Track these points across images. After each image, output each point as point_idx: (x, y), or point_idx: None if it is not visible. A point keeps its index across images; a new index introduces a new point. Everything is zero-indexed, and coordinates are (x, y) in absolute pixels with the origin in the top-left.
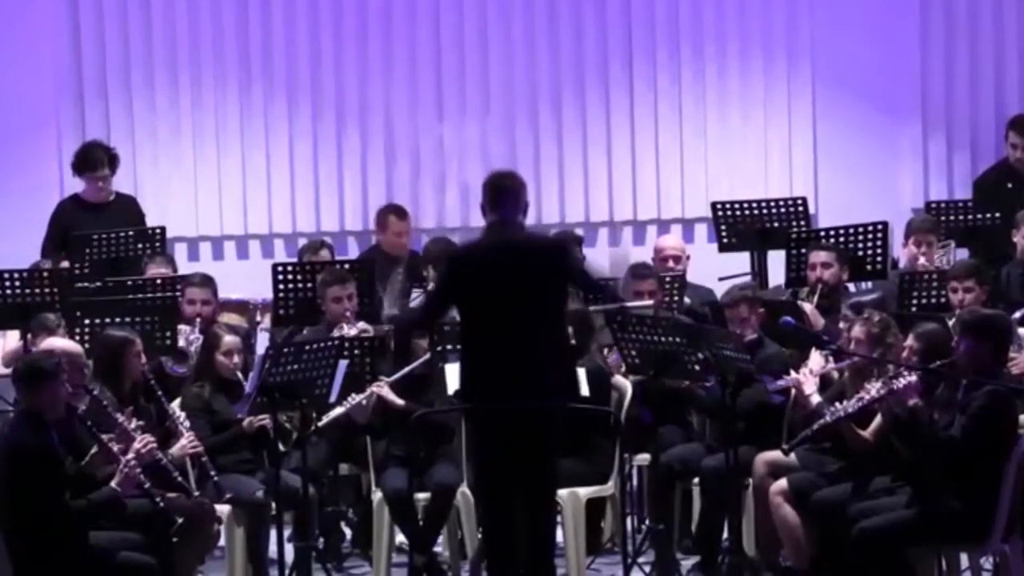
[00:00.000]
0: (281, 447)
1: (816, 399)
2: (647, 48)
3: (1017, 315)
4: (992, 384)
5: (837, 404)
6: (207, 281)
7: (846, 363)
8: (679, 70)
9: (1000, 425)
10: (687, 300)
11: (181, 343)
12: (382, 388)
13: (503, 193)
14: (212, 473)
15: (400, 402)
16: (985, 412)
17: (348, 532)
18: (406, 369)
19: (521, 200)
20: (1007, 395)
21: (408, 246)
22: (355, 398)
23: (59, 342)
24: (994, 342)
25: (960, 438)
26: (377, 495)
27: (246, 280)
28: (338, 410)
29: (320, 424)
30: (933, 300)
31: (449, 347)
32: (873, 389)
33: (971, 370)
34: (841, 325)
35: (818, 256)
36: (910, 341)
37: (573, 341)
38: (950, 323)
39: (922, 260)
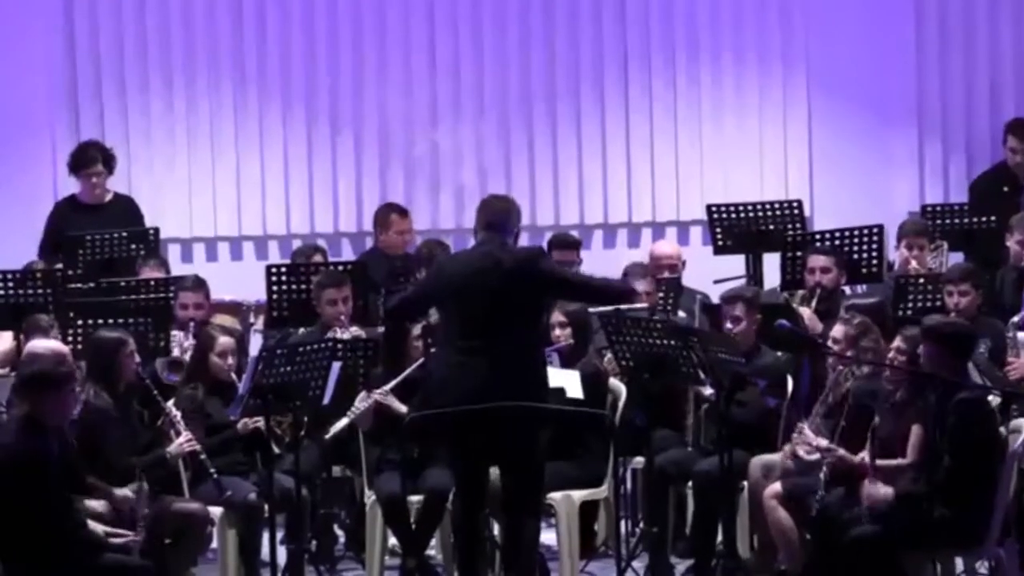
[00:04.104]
0: (275, 449)
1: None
2: (642, 50)
3: (1015, 319)
4: (967, 389)
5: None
6: (200, 284)
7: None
8: (674, 72)
9: (981, 432)
10: (681, 313)
11: (175, 352)
12: (387, 397)
13: (492, 216)
14: (212, 471)
15: (403, 408)
16: (963, 425)
17: (341, 535)
18: (403, 375)
19: (511, 222)
20: (978, 400)
21: (409, 244)
22: (359, 407)
23: (42, 344)
24: (951, 348)
25: (954, 465)
26: (370, 498)
27: (240, 282)
28: (343, 421)
29: (327, 436)
30: (928, 304)
31: None
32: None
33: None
34: None
35: (817, 260)
36: (897, 342)
37: (571, 341)
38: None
39: (913, 264)
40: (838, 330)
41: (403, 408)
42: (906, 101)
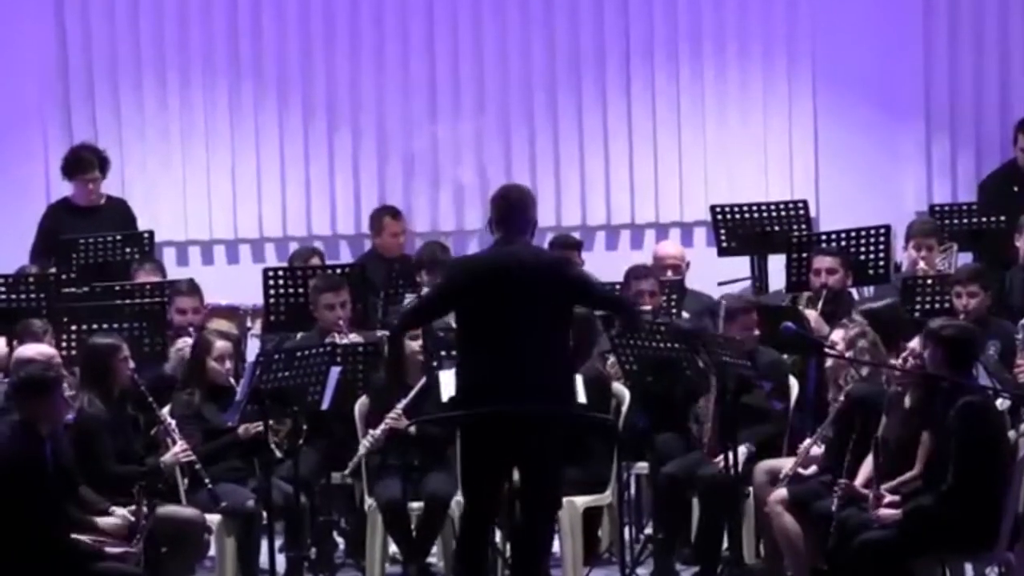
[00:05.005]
0: (277, 453)
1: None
2: (645, 48)
3: None
4: (973, 392)
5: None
6: (195, 289)
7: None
8: (677, 70)
9: (986, 435)
10: (685, 314)
11: (185, 355)
12: (399, 421)
13: (511, 209)
14: (207, 481)
15: (412, 428)
16: (968, 428)
17: (341, 542)
18: (412, 394)
19: (529, 215)
20: (982, 403)
21: (404, 246)
22: (374, 434)
23: (33, 349)
24: (955, 351)
25: (960, 469)
26: (371, 504)
27: (236, 285)
28: (361, 451)
29: (346, 472)
30: (937, 305)
31: (443, 354)
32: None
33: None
34: None
35: (823, 262)
36: (913, 343)
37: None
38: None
39: (922, 264)
40: (837, 334)
41: (411, 428)
42: (914, 98)
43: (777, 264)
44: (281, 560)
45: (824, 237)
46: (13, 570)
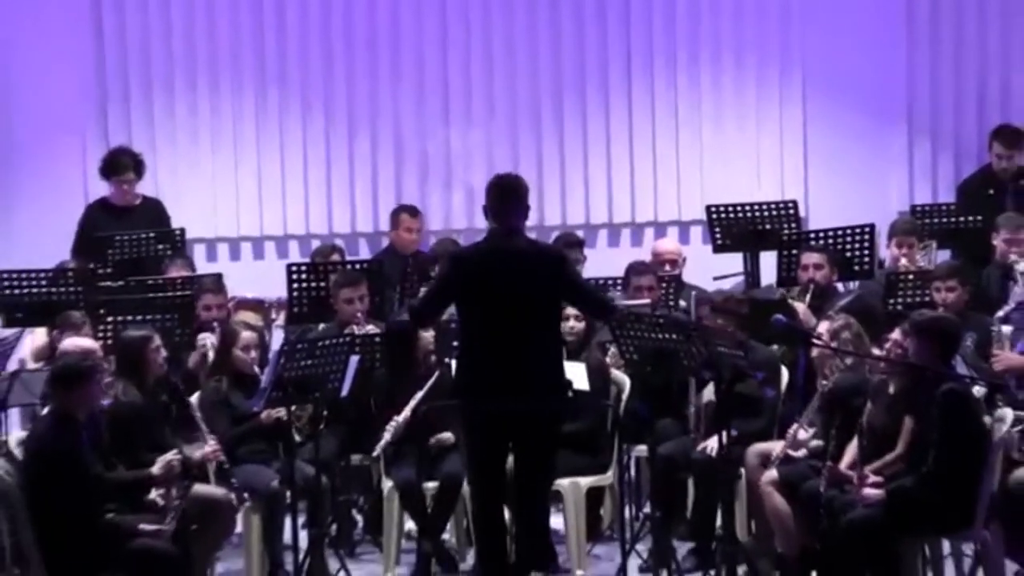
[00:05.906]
0: (297, 437)
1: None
2: (645, 55)
3: (1000, 314)
4: (954, 380)
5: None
6: (220, 286)
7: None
8: (676, 77)
9: (966, 421)
10: (683, 303)
11: (210, 352)
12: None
13: (507, 197)
14: (233, 480)
15: (448, 435)
16: (950, 415)
17: (360, 520)
18: (427, 386)
19: (524, 202)
20: (963, 391)
21: (419, 243)
22: (397, 420)
23: (71, 343)
24: (937, 342)
25: (941, 454)
26: (387, 484)
27: (261, 280)
28: (386, 436)
29: (374, 454)
30: (917, 299)
31: (455, 345)
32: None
33: (928, 367)
34: None
35: (810, 258)
36: (895, 335)
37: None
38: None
39: (903, 261)
40: (823, 326)
41: (448, 435)
42: (898, 104)
43: (768, 260)
44: (304, 537)
45: (812, 235)
46: (56, 550)
